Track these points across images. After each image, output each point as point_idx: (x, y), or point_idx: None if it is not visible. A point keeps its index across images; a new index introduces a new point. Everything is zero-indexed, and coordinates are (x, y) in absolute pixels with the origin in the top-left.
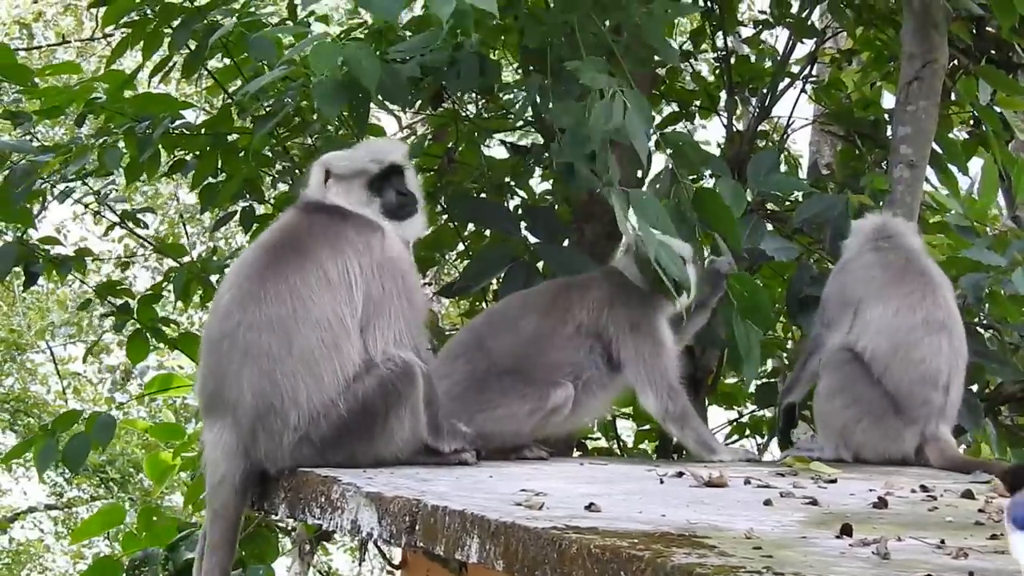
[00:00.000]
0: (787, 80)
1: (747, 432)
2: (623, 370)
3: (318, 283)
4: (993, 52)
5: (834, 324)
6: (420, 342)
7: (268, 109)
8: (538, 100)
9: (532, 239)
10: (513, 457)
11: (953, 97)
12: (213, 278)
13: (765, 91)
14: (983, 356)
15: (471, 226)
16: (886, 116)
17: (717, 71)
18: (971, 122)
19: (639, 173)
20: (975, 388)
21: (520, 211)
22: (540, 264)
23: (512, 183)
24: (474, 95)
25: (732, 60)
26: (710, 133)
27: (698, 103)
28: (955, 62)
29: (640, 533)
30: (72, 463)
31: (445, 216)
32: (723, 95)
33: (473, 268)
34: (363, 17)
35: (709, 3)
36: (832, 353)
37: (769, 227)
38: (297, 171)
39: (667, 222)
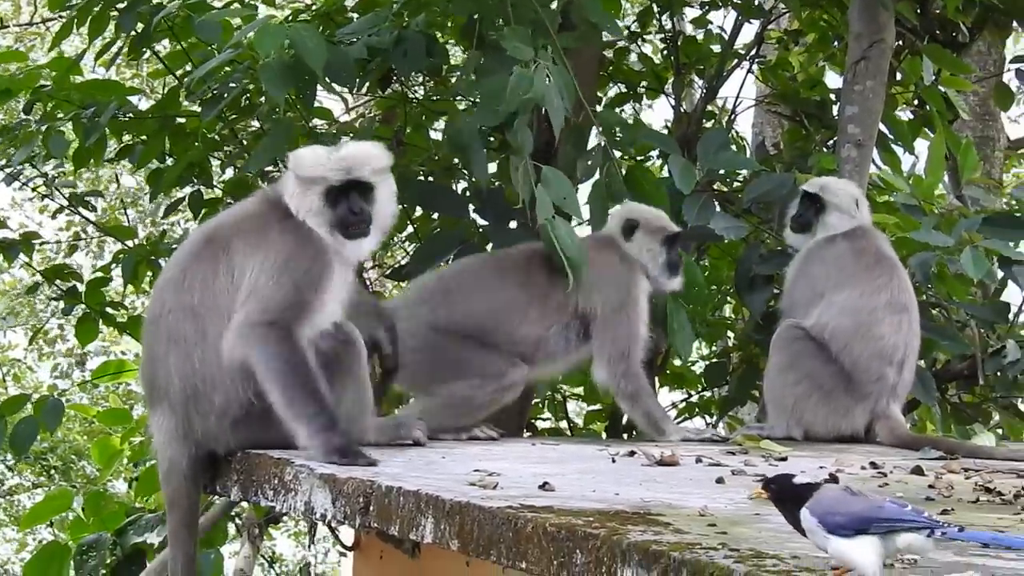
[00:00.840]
0: (734, 61)
1: (697, 412)
2: (589, 343)
3: (226, 275)
4: (938, 32)
5: (798, 311)
6: (284, 322)
7: (215, 92)
8: (473, 77)
9: (481, 221)
10: (464, 438)
11: (899, 77)
12: (163, 261)
13: (712, 72)
14: (934, 332)
15: (419, 209)
16: (832, 96)
17: (664, 52)
18: (915, 102)
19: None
20: (923, 365)
21: (468, 193)
22: (489, 246)
23: (460, 165)
24: (422, 77)
25: (679, 41)
26: (657, 114)
27: (645, 84)
28: (900, 42)
29: (595, 511)
30: (18, 448)
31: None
32: (670, 76)
33: (422, 251)
34: (309, 0)
35: None
36: (782, 330)
37: (718, 206)
38: (246, 154)
39: (574, 201)
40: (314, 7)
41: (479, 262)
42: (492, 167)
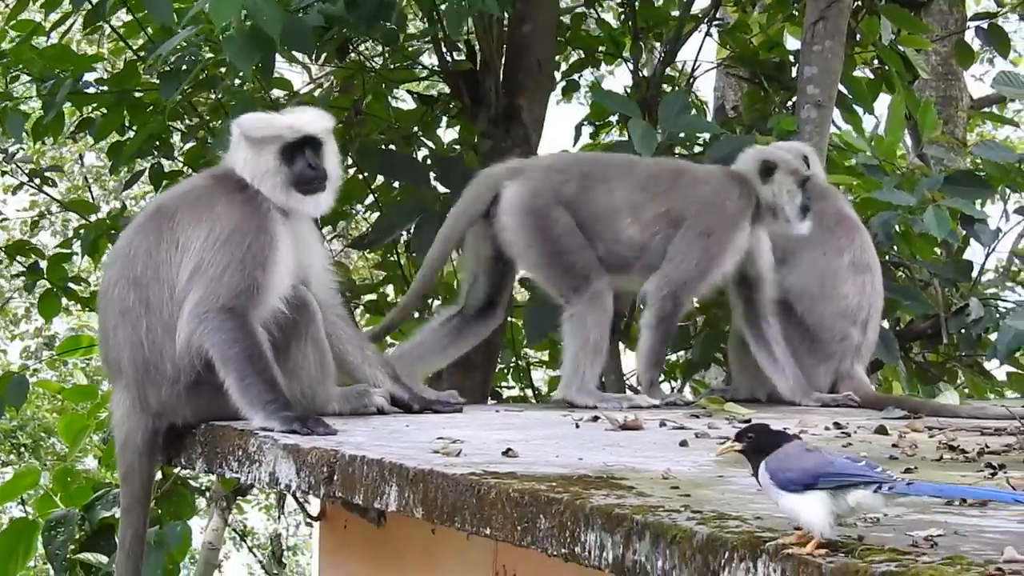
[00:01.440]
0: (692, 24)
1: (660, 376)
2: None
3: (169, 245)
4: None
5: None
6: (238, 307)
7: (172, 66)
8: None
9: (441, 189)
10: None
11: (858, 37)
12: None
13: (670, 35)
14: (897, 292)
15: (380, 178)
16: (791, 58)
17: (622, 17)
18: (875, 62)
19: None
20: (886, 325)
21: (428, 161)
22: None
23: (420, 133)
24: (380, 47)
25: (636, 5)
26: (617, 79)
27: (604, 49)
28: (859, 2)
29: (558, 476)
30: None
31: (354, 169)
32: (629, 41)
33: (384, 221)
34: None
35: None
36: None
37: None
38: (206, 126)
39: None
40: None
41: (618, 159)
42: (452, 134)
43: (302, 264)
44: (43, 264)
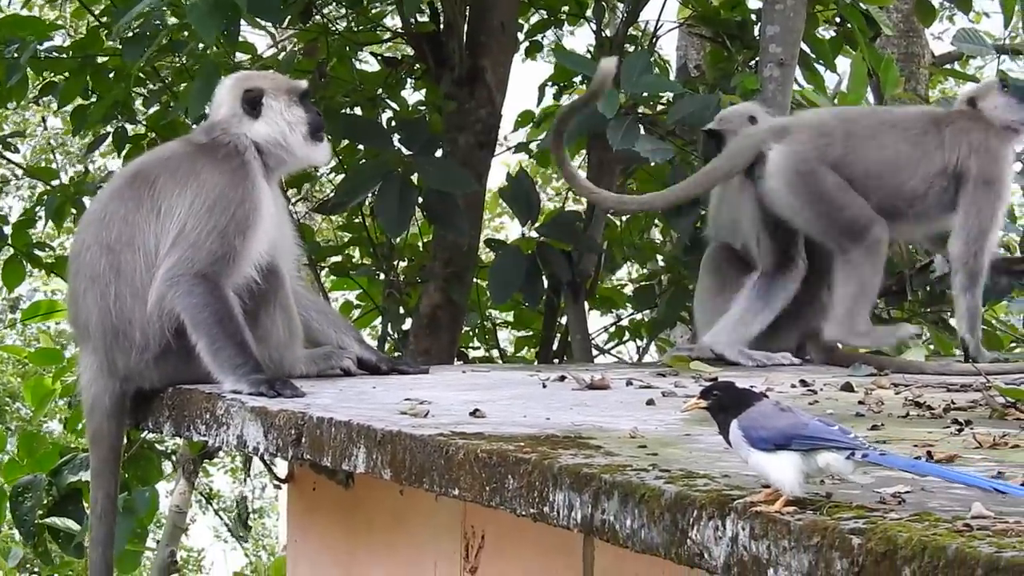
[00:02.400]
0: None
1: (626, 336)
2: (953, 213)
3: (149, 212)
4: None
5: (726, 233)
6: (212, 273)
7: (136, 32)
8: None
9: (406, 151)
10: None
11: None
12: (87, 200)
13: None
14: None
15: (344, 141)
16: (753, 16)
17: None
18: (837, 20)
19: None
20: None
21: (393, 124)
22: (415, 176)
23: (384, 96)
24: (344, 9)
25: None
26: (579, 39)
27: (566, 10)
28: None
29: (526, 436)
30: None
31: None
32: (591, 1)
33: (348, 184)
34: None
35: None
36: (712, 252)
37: (643, 129)
38: (169, 90)
39: None
40: None
41: (876, 114)
42: (416, 96)
43: (276, 234)
44: (7, 230)
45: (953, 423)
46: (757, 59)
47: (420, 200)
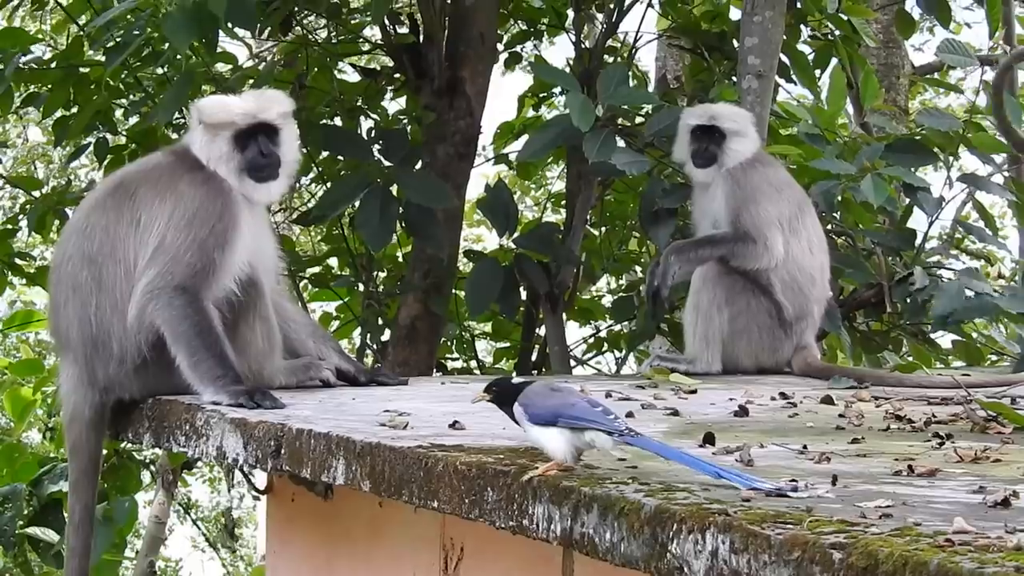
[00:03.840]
0: None
1: (605, 347)
2: None
3: (129, 224)
4: None
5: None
6: (192, 285)
7: (118, 41)
8: None
9: (386, 163)
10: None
11: (798, 5)
12: (69, 210)
13: (612, 7)
14: (840, 261)
15: (324, 152)
16: (734, 28)
17: None
18: (821, 29)
19: None
20: (830, 295)
21: (373, 134)
22: (394, 188)
23: (364, 106)
24: (324, 20)
25: None
26: (559, 51)
27: (546, 21)
28: None
29: (505, 449)
30: None
31: (298, 143)
32: (570, 12)
33: (329, 197)
34: None
35: None
36: (709, 266)
37: (620, 142)
38: (151, 101)
39: None
40: None
41: None
42: (396, 106)
43: (255, 246)
44: None
45: (934, 436)
46: (736, 70)
47: (400, 212)
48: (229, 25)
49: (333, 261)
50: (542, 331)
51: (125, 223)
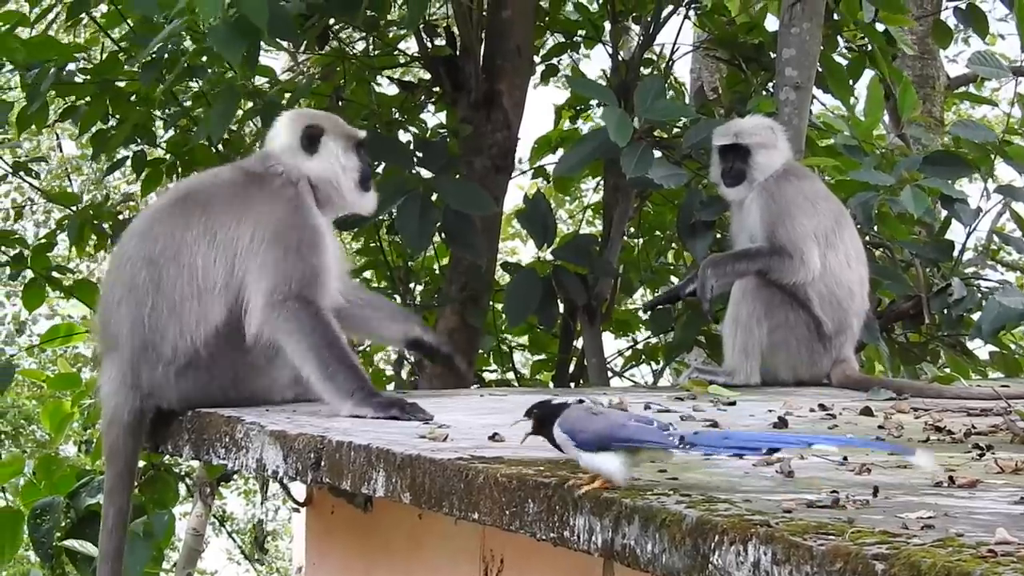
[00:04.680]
0: (670, 7)
1: (642, 359)
2: None
3: (200, 234)
4: None
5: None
6: (309, 295)
7: (154, 56)
8: None
9: (426, 173)
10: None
11: (836, 17)
12: (106, 225)
13: (649, 19)
14: (878, 273)
15: None
16: (771, 39)
17: (600, 0)
18: (862, 38)
19: None
20: (868, 307)
21: (412, 145)
22: (434, 196)
23: (402, 119)
24: (361, 33)
25: None
26: (595, 63)
27: (582, 33)
28: None
29: (545, 461)
30: None
31: None
32: (607, 24)
33: None
34: None
35: None
36: (746, 280)
37: (657, 154)
38: (187, 115)
39: None
40: None
41: None
42: (436, 119)
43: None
44: (27, 254)
45: (974, 448)
46: (773, 82)
47: (439, 220)
48: (270, 37)
49: (369, 273)
50: (579, 343)
51: (195, 232)
